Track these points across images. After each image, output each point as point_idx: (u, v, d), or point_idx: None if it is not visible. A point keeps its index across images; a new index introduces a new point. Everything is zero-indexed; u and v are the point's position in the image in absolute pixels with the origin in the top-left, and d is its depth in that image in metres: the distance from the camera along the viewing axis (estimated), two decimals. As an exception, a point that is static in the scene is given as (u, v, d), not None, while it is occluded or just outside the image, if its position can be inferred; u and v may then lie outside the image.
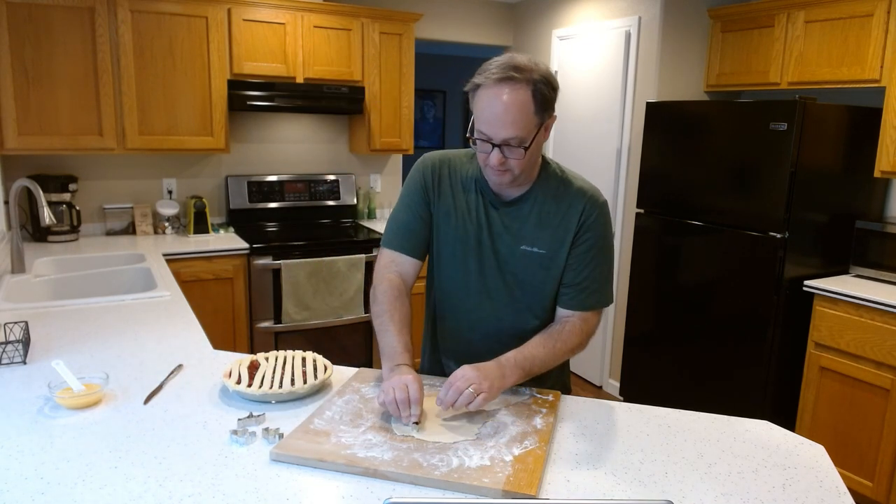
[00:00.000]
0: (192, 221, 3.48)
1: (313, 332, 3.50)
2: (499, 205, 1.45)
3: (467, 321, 1.51)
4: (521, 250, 1.44)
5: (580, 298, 1.44)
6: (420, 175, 1.50)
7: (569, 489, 1.08)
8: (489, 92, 1.27)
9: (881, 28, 2.79)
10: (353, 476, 1.09)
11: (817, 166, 2.88)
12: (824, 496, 1.08)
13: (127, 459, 1.13)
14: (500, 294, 1.47)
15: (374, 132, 3.86)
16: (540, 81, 1.28)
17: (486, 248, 1.46)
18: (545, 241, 1.43)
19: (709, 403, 3.16)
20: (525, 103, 1.27)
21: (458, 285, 1.50)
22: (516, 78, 1.26)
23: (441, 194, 1.49)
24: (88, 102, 3.10)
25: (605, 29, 3.81)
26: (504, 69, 1.26)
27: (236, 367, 1.45)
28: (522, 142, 1.29)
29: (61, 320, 1.93)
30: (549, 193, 1.43)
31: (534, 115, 1.29)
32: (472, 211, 1.46)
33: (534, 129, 1.30)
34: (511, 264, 1.45)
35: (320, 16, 3.56)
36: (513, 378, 1.32)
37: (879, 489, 2.63)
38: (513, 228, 1.44)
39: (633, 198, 3.63)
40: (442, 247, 1.50)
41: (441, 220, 1.49)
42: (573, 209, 1.42)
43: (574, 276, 1.43)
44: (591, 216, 1.42)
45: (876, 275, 2.89)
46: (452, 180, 1.49)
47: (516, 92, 1.26)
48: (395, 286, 1.46)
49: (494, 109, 1.27)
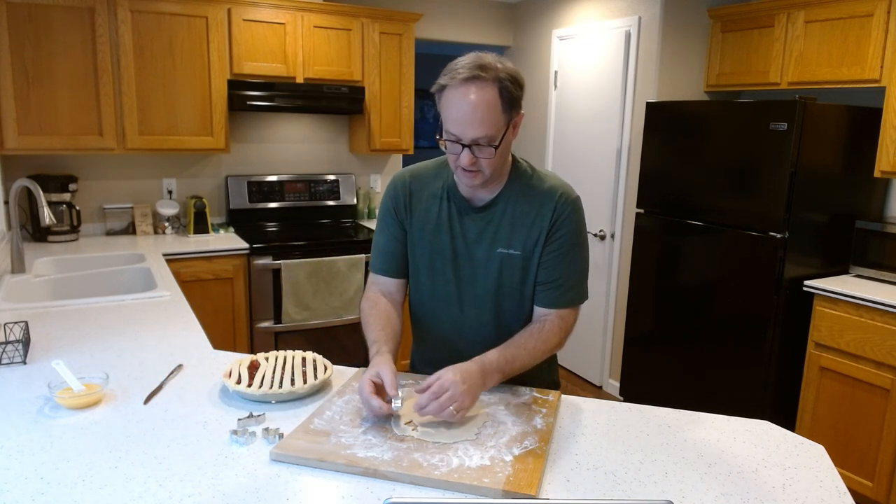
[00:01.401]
0: (192, 221, 3.48)
1: (313, 332, 3.50)
2: (471, 211, 1.45)
3: (452, 331, 1.52)
4: (499, 253, 1.44)
5: (556, 296, 1.44)
6: (391, 197, 1.53)
7: (569, 489, 1.08)
8: (456, 92, 1.28)
9: (881, 28, 2.79)
10: (353, 476, 1.09)
11: (817, 166, 2.88)
12: (824, 496, 1.08)
13: (127, 459, 1.13)
14: (481, 300, 1.48)
15: (374, 132, 3.86)
16: (506, 79, 1.28)
17: (463, 256, 1.46)
18: (520, 242, 1.43)
19: (709, 403, 3.16)
20: (492, 102, 1.27)
21: (440, 296, 1.51)
22: (483, 77, 1.26)
23: (413, 211, 1.50)
24: (88, 102, 3.10)
25: (605, 29, 3.81)
26: (470, 69, 1.26)
27: (236, 367, 1.45)
28: (492, 140, 1.30)
29: (61, 320, 1.93)
30: (520, 193, 1.43)
31: (501, 114, 1.29)
32: (444, 221, 1.47)
33: (502, 128, 1.31)
34: (489, 269, 1.45)
35: (320, 16, 3.56)
36: (492, 381, 1.32)
37: (879, 489, 2.63)
38: (488, 233, 1.44)
39: (633, 198, 3.63)
40: (419, 261, 1.51)
41: (416, 235, 1.50)
42: (545, 207, 1.41)
43: (549, 274, 1.43)
44: (564, 213, 1.41)
45: (876, 275, 2.89)
46: (423, 194, 1.50)
47: (483, 91, 1.26)
48: (374, 299, 1.52)
49: (462, 109, 1.27)
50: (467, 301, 1.48)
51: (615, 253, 3.86)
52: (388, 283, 1.55)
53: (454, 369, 1.26)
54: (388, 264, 1.54)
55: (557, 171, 4.22)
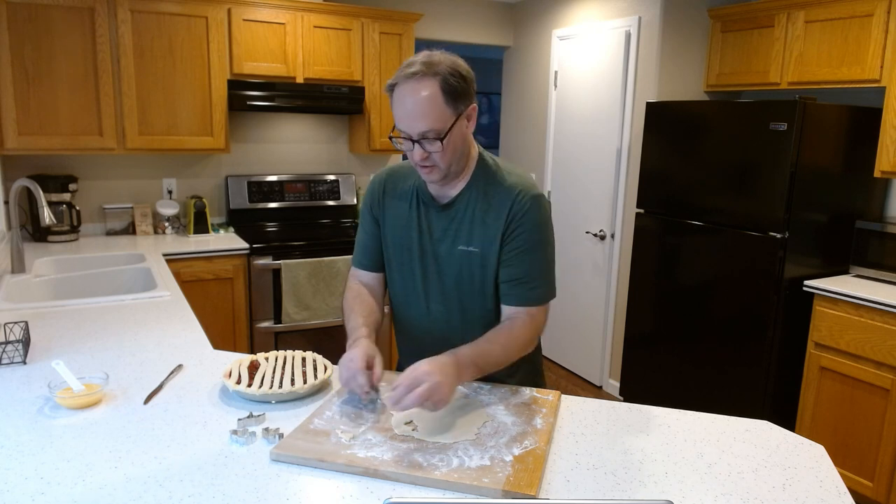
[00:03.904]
0: (192, 221, 3.48)
1: (313, 332, 3.50)
2: (437, 208, 1.48)
3: (419, 326, 1.55)
4: (459, 250, 1.46)
5: (521, 293, 1.44)
6: (368, 195, 1.59)
7: (569, 489, 1.08)
8: (401, 90, 1.32)
9: (881, 28, 2.79)
10: (353, 476, 1.09)
11: (817, 166, 2.88)
12: (824, 496, 1.08)
13: (127, 459, 1.13)
14: (445, 297, 1.50)
15: (374, 132, 3.86)
16: (448, 73, 1.31)
17: (428, 253, 1.49)
18: (478, 240, 1.44)
19: (709, 403, 3.16)
20: (433, 95, 1.30)
21: (409, 292, 1.55)
22: (423, 72, 1.30)
23: (386, 208, 1.55)
24: (88, 102, 3.10)
25: (605, 29, 3.81)
26: (412, 65, 1.31)
27: (236, 367, 1.45)
28: (438, 134, 1.32)
29: (61, 320, 1.93)
30: (481, 191, 1.45)
31: (445, 106, 1.31)
32: (413, 218, 1.50)
33: (449, 120, 1.33)
34: (451, 266, 1.47)
35: (320, 16, 3.56)
36: (468, 375, 1.31)
37: (879, 489, 2.63)
38: (451, 230, 1.47)
39: (633, 198, 3.63)
40: (391, 256, 1.56)
41: (388, 231, 1.55)
42: (503, 205, 1.42)
43: (511, 272, 1.43)
44: (521, 210, 1.41)
45: (876, 275, 2.89)
46: (396, 192, 1.54)
47: (423, 85, 1.30)
48: (356, 291, 1.58)
49: (406, 105, 1.31)
50: (433, 297, 1.52)
51: (615, 253, 3.86)
52: (365, 276, 1.62)
53: (428, 362, 1.25)
54: (366, 258, 1.60)
55: (557, 171, 4.23)
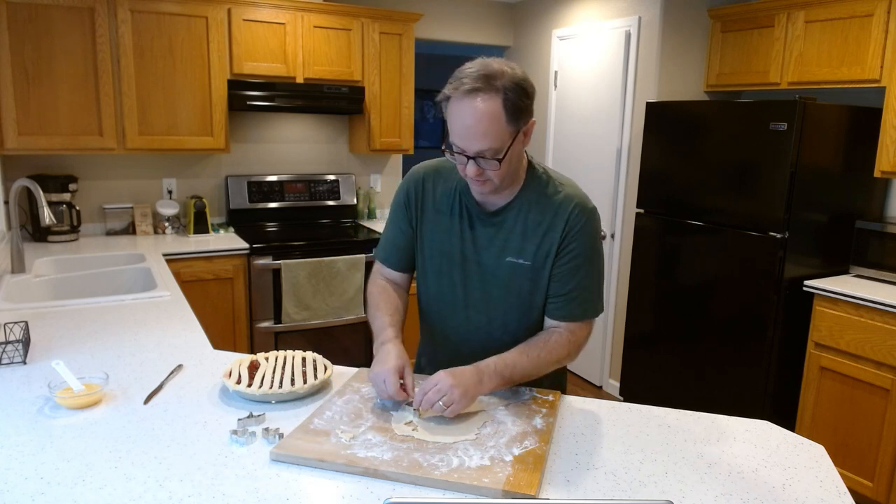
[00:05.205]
0: (192, 221, 3.48)
1: (313, 332, 3.50)
2: (483, 216, 1.42)
3: (457, 335, 1.50)
4: (507, 262, 1.40)
5: (567, 309, 1.40)
6: (404, 191, 1.51)
7: (569, 489, 1.08)
8: (459, 104, 1.24)
9: (881, 28, 2.79)
10: (353, 476, 1.09)
11: (817, 166, 2.88)
12: (824, 496, 1.08)
13: (127, 459, 1.13)
14: (488, 307, 1.45)
15: (374, 132, 3.86)
16: (510, 90, 1.23)
17: (471, 261, 1.43)
18: (530, 252, 1.39)
19: (709, 403, 3.16)
20: (495, 114, 1.23)
21: (446, 299, 1.49)
22: (485, 88, 1.22)
23: (424, 210, 1.48)
24: (88, 102, 3.10)
25: (605, 29, 3.81)
26: (474, 79, 1.22)
27: (236, 367, 1.45)
28: (496, 153, 1.26)
29: (61, 320, 1.93)
30: (534, 201, 1.39)
31: (506, 125, 1.25)
32: (456, 224, 1.44)
33: (508, 139, 1.26)
34: (497, 276, 1.42)
35: (320, 16, 3.56)
36: (490, 384, 1.30)
37: (879, 489, 2.63)
38: (498, 239, 1.41)
39: (633, 198, 3.63)
40: (427, 261, 1.49)
41: (425, 234, 1.48)
42: (558, 218, 1.37)
43: (561, 287, 1.39)
44: (577, 225, 1.36)
45: (876, 275, 2.89)
46: (437, 193, 1.47)
47: (486, 103, 1.22)
48: (382, 286, 1.54)
49: (465, 122, 1.24)
50: (473, 306, 1.46)
51: (615, 253, 3.86)
52: (392, 275, 1.57)
53: (448, 372, 1.26)
54: (395, 256, 1.54)
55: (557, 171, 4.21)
